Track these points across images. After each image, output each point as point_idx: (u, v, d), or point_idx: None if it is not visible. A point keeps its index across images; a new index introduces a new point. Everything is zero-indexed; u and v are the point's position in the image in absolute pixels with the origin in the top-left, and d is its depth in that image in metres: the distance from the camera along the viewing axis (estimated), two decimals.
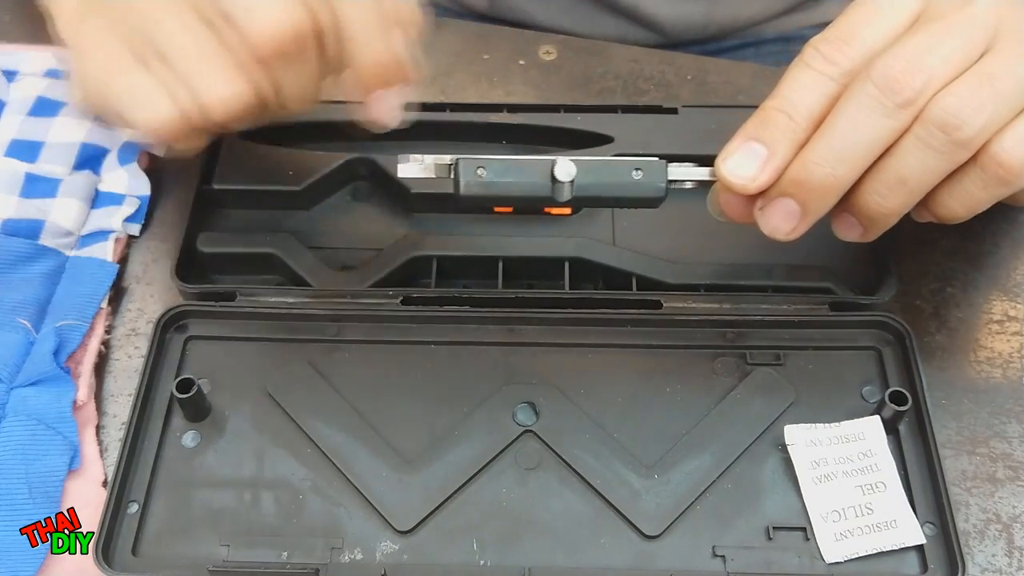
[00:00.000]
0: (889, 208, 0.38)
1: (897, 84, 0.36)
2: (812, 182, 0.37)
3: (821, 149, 0.37)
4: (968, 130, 0.36)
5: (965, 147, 0.36)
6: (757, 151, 0.38)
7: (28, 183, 0.50)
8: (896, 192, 0.37)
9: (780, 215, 0.38)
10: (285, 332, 0.45)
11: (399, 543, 0.40)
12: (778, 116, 0.38)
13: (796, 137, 0.37)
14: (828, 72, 0.37)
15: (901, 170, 0.37)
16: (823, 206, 0.38)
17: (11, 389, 0.44)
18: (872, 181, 0.37)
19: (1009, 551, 0.41)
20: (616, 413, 0.43)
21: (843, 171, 0.37)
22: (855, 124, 0.36)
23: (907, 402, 0.41)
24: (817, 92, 0.37)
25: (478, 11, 0.71)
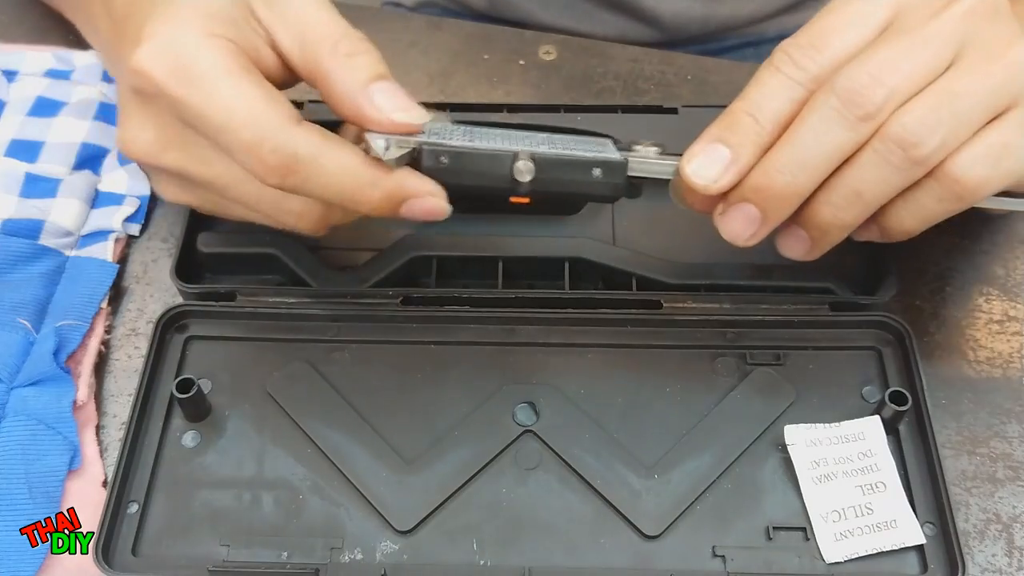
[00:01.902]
0: (842, 220, 0.38)
1: (859, 97, 0.36)
2: (773, 189, 0.37)
3: (783, 157, 0.37)
4: (925, 148, 0.36)
5: (921, 164, 0.36)
6: (721, 154, 0.38)
7: (28, 183, 0.50)
8: (852, 204, 0.38)
9: (740, 220, 0.39)
10: (285, 332, 0.45)
11: (399, 543, 0.40)
12: (744, 119, 0.38)
13: (761, 141, 0.38)
14: (796, 77, 0.38)
15: (858, 183, 0.37)
16: (782, 213, 0.38)
17: (11, 389, 0.44)
18: (828, 192, 0.38)
19: (1009, 551, 0.41)
20: (616, 413, 0.43)
21: (803, 179, 0.37)
22: (816, 134, 0.37)
23: (907, 402, 0.41)
24: (784, 97, 0.38)
25: (478, 10, 0.71)
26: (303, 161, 0.38)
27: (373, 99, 0.38)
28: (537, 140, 0.40)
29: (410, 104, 0.39)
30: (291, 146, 0.37)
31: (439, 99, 0.55)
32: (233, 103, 0.37)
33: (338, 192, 0.39)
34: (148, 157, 0.41)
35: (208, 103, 0.37)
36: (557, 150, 0.40)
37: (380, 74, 0.39)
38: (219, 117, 0.37)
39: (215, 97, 0.37)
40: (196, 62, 0.38)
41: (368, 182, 0.39)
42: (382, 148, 0.39)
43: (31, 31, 0.59)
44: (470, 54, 0.60)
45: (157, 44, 0.38)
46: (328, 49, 0.39)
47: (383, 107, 0.38)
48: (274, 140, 0.37)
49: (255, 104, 0.37)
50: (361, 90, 0.38)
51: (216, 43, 0.38)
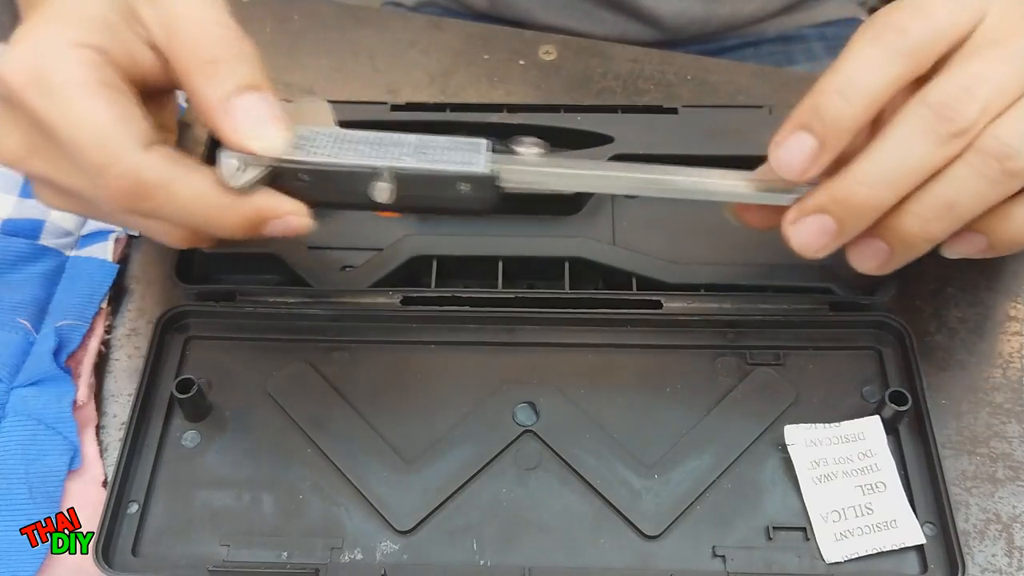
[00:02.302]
0: (930, 234, 0.37)
1: (951, 112, 0.35)
2: (853, 201, 0.36)
3: (868, 168, 0.35)
4: (1021, 160, 0.35)
5: (1017, 177, 0.35)
6: (805, 143, 0.36)
7: (28, 183, 0.50)
8: (943, 218, 0.36)
9: (814, 231, 0.37)
10: (285, 332, 0.45)
11: (399, 543, 0.40)
12: (834, 99, 0.36)
13: (853, 124, 0.36)
14: (898, 47, 0.35)
15: (951, 196, 0.35)
16: (859, 226, 0.37)
17: (11, 389, 0.44)
18: (917, 204, 0.36)
19: (1009, 551, 0.41)
20: (616, 413, 0.43)
21: (886, 193, 0.36)
22: (904, 148, 0.35)
23: (907, 402, 0.41)
24: (883, 72, 0.36)
25: (478, 10, 0.71)
26: (152, 187, 0.36)
27: (232, 116, 0.36)
28: (404, 150, 0.38)
29: (273, 123, 0.37)
30: (138, 171, 0.36)
31: (439, 99, 0.55)
32: (83, 121, 0.35)
33: (192, 218, 0.37)
34: (14, 162, 0.39)
35: (60, 119, 0.36)
36: (421, 164, 0.38)
37: (246, 85, 0.36)
38: (69, 134, 0.36)
39: (67, 114, 0.36)
40: (54, 74, 0.36)
41: (224, 206, 0.37)
42: (232, 171, 0.37)
43: None
44: (470, 54, 0.60)
45: (21, 51, 0.36)
46: (189, 54, 0.36)
47: (239, 128, 0.36)
48: (120, 165, 0.36)
49: (105, 125, 0.35)
50: (219, 105, 0.36)
51: (80, 54, 0.36)
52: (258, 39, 0.38)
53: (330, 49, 0.60)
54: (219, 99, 0.36)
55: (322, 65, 0.60)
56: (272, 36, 0.61)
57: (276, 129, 0.37)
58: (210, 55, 0.36)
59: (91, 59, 0.36)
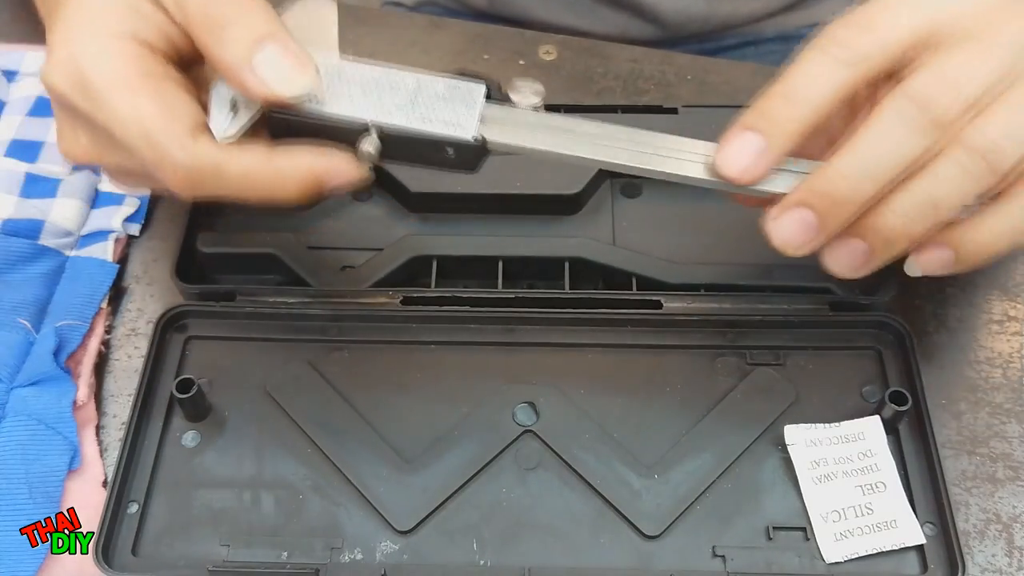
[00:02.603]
0: (912, 232, 0.36)
1: (934, 103, 0.34)
2: (835, 194, 0.35)
3: (849, 161, 0.35)
4: (1009, 159, 0.35)
5: (1002, 175, 0.35)
6: (751, 141, 0.36)
7: (28, 183, 0.50)
8: (925, 214, 0.36)
9: (795, 227, 0.37)
10: (285, 332, 0.45)
11: (399, 543, 0.40)
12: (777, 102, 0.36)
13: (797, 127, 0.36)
14: (842, 57, 0.35)
15: (935, 191, 0.35)
16: (840, 222, 0.36)
17: (11, 389, 0.44)
18: (900, 202, 0.36)
19: (1009, 551, 0.41)
20: (616, 413, 0.43)
21: (868, 186, 0.35)
22: (886, 140, 0.35)
23: (907, 402, 0.41)
24: (827, 79, 0.36)
25: (478, 9, 0.71)
26: (206, 174, 0.37)
27: (255, 73, 0.36)
28: (398, 99, 0.38)
29: (296, 67, 0.37)
30: (189, 162, 0.36)
31: None
32: (129, 120, 0.36)
33: (254, 193, 0.38)
34: (90, 160, 0.40)
35: (109, 120, 0.37)
36: (410, 124, 0.38)
37: (261, 37, 0.36)
38: (120, 134, 0.37)
39: (114, 114, 0.36)
40: (94, 75, 0.36)
41: (277, 177, 0.37)
42: (221, 125, 0.37)
43: (31, 31, 0.59)
44: (470, 54, 0.60)
45: (59, 57, 0.37)
46: (200, 22, 0.37)
47: (266, 81, 0.36)
48: (173, 159, 0.36)
49: (151, 121, 0.36)
50: (241, 65, 0.36)
51: (116, 47, 0.37)
52: None
53: None
54: (239, 60, 0.36)
55: None
56: None
57: (300, 72, 0.37)
58: (221, 19, 0.36)
59: (128, 51, 0.37)
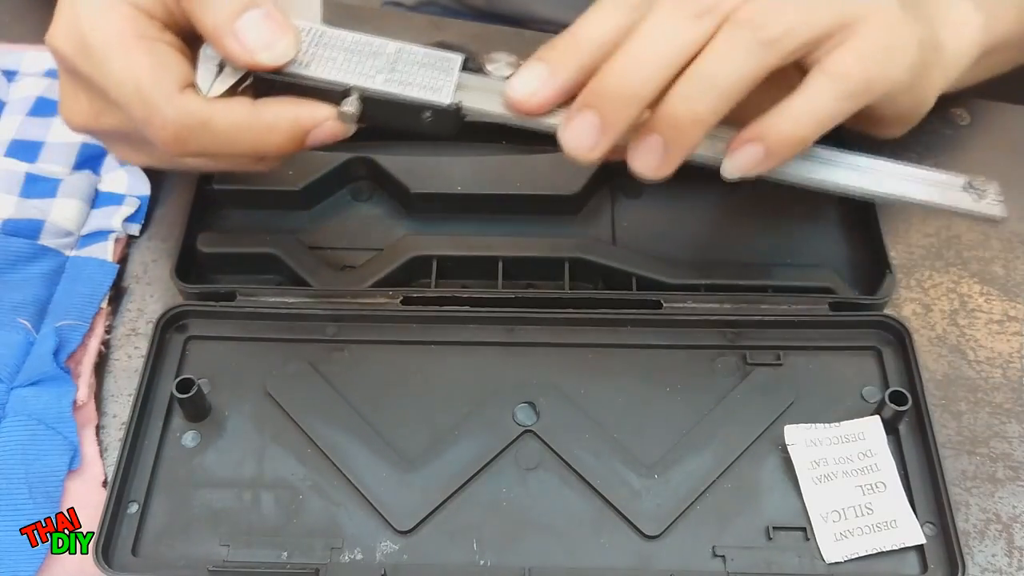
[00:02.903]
0: (696, 112, 0.37)
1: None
2: (609, 91, 0.37)
3: (620, 59, 0.37)
4: (773, 29, 0.36)
5: (771, 47, 0.36)
6: (538, 70, 0.38)
7: (28, 183, 0.50)
8: (705, 93, 0.36)
9: (581, 129, 0.38)
10: (285, 332, 0.45)
11: (399, 543, 0.40)
12: (563, 40, 0.38)
13: (581, 59, 0.38)
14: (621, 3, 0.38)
15: (711, 69, 0.36)
16: (621, 119, 0.37)
17: (11, 389, 0.44)
18: (680, 85, 0.37)
19: (1009, 551, 0.41)
20: (616, 413, 0.43)
21: (638, 79, 0.36)
22: (651, 34, 0.36)
23: (907, 402, 0.41)
24: (610, 20, 0.38)
25: (477, 8, 0.71)
26: (194, 127, 0.38)
27: (237, 37, 0.38)
28: (378, 64, 0.40)
29: (277, 34, 0.38)
30: (178, 116, 0.38)
31: None
32: (122, 77, 0.38)
33: (239, 146, 0.39)
34: (88, 125, 0.42)
35: (104, 78, 0.38)
36: (389, 88, 0.39)
37: (241, 6, 0.38)
38: (115, 92, 0.38)
39: (109, 72, 0.38)
40: (92, 36, 0.38)
41: (264, 127, 0.39)
42: (208, 82, 0.39)
43: (31, 31, 0.59)
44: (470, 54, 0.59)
45: (63, 20, 0.39)
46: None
47: (247, 46, 0.38)
48: (161, 114, 0.38)
49: (142, 76, 0.38)
50: (224, 29, 0.38)
51: (113, 12, 0.38)
52: None
53: None
54: (222, 24, 0.38)
55: None
56: None
57: (281, 39, 0.38)
58: None
59: (125, 14, 0.38)
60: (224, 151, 0.39)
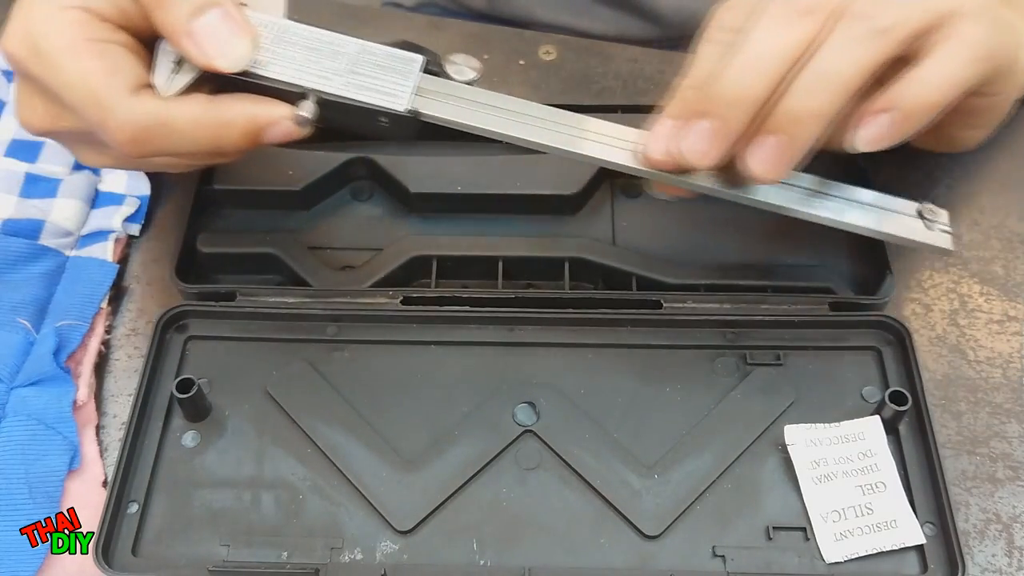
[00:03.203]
0: (814, 107, 0.37)
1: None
2: (724, 96, 0.37)
3: (732, 64, 0.37)
4: (887, 18, 0.37)
5: (886, 35, 0.37)
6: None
7: (28, 183, 0.50)
8: (823, 87, 0.37)
9: (697, 136, 0.38)
10: (285, 332, 0.45)
11: (399, 543, 0.40)
12: (687, 92, 0.39)
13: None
14: (729, 40, 0.38)
15: (827, 63, 0.37)
16: (735, 123, 0.37)
17: (11, 389, 0.44)
18: (798, 82, 0.37)
19: (1009, 551, 0.41)
20: (616, 413, 0.43)
21: (751, 82, 0.37)
22: (762, 36, 0.37)
23: (907, 402, 0.41)
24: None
25: (477, 10, 0.71)
26: (150, 127, 0.38)
27: (194, 38, 0.38)
28: (338, 65, 0.40)
29: (234, 36, 0.38)
30: (133, 116, 0.38)
31: None
32: (74, 81, 0.38)
33: (196, 144, 0.39)
34: (45, 128, 0.41)
35: (57, 82, 0.38)
36: (346, 92, 0.39)
37: (198, 7, 0.37)
38: (67, 96, 0.38)
39: (60, 75, 0.38)
40: (44, 40, 0.38)
41: (221, 123, 0.39)
42: (164, 80, 0.39)
43: None
44: (470, 54, 0.59)
45: (16, 25, 0.39)
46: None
47: (203, 48, 0.38)
48: (116, 117, 0.38)
49: (94, 80, 0.37)
50: (181, 30, 0.38)
51: (66, 16, 0.38)
52: None
53: None
54: (180, 24, 0.38)
55: None
56: None
57: (238, 43, 0.38)
58: None
59: (77, 19, 0.38)
60: (182, 149, 0.39)
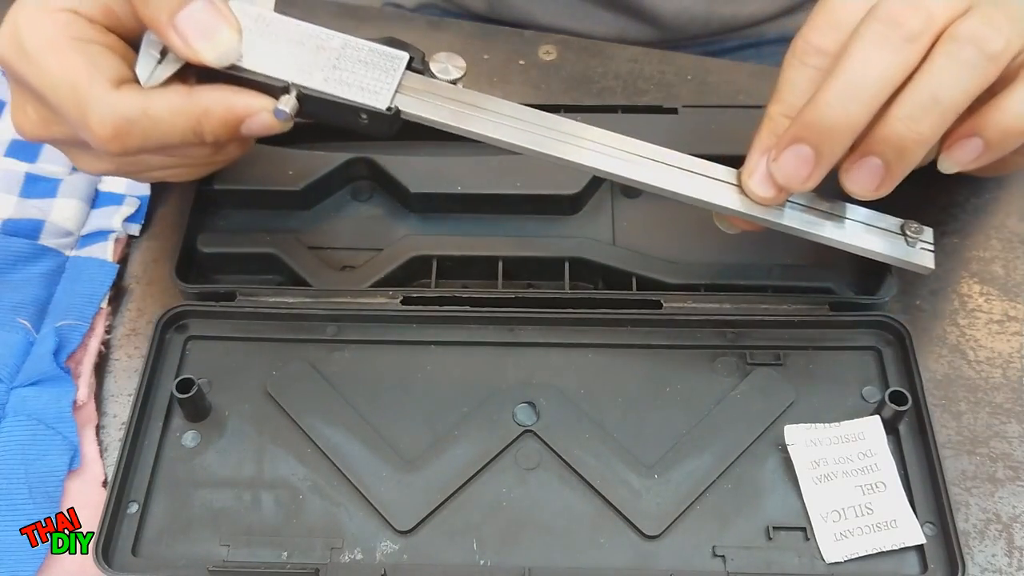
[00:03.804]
0: (920, 133, 0.36)
1: (902, 18, 0.36)
2: (825, 123, 0.36)
3: (832, 89, 0.36)
4: (996, 43, 0.36)
5: (994, 60, 0.36)
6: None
7: (28, 183, 0.50)
8: (929, 112, 0.36)
9: (795, 162, 0.38)
10: (285, 332, 0.45)
11: (399, 543, 0.40)
12: (782, 122, 0.38)
13: None
14: (822, 65, 0.38)
15: (933, 87, 0.36)
16: (837, 149, 0.37)
17: (11, 389, 0.44)
18: (901, 106, 0.36)
19: (1009, 551, 0.41)
20: (616, 413, 0.43)
21: (855, 109, 0.36)
22: (864, 61, 0.36)
23: (907, 402, 0.41)
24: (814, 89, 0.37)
25: (476, 12, 0.71)
26: (131, 120, 0.38)
27: (179, 31, 0.38)
28: (321, 60, 0.39)
29: (219, 28, 0.38)
30: (113, 109, 0.38)
31: None
32: (56, 78, 0.38)
33: (178, 133, 0.39)
34: (38, 134, 0.41)
35: (40, 81, 0.38)
36: (327, 88, 0.39)
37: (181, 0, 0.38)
38: (50, 95, 0.38)
39: (43, 74, 0.38)
40: (30, 41, 0.38)
41: (200, 114, 0.39)
42: (147, 72, 0.39)
43: None
44: (470, 54, 0.59)
45: (5, 28, 0.39)
46: None
47: (188, 41, 0.38)
48: (97, 111, 0.38)
49: (75, 75, 0.38)
50: (166, 23, 0.38)
51: (51, 17, 0.38)
52: None
53: None
54: (164, 20, 0.38)
55: None
56: None
57: (224, 34, 0.38)
58: None
59: (63, 20, 0.38)
60: (163, 140, 0.39)
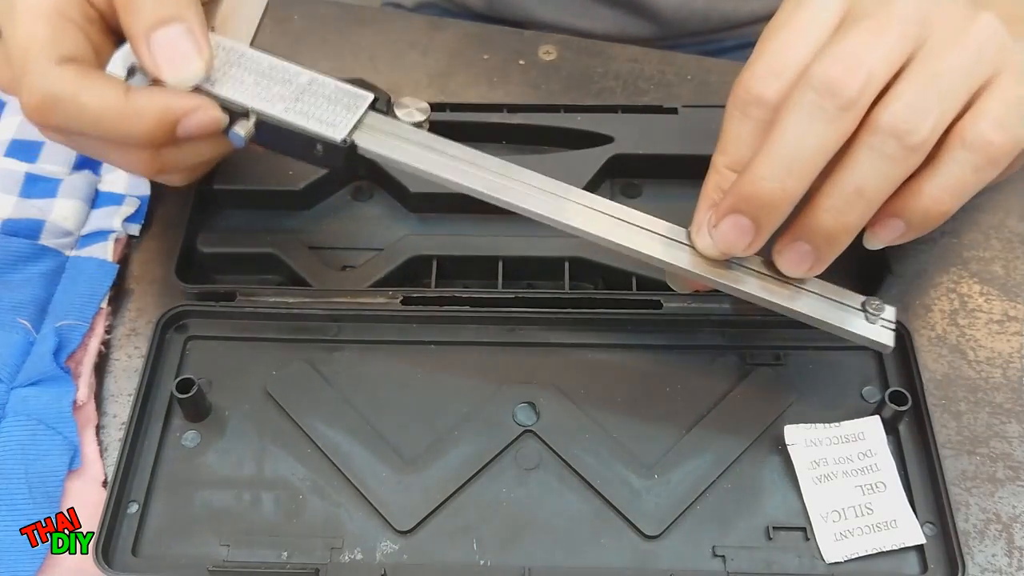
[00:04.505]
0: (847, 224, 0.36)
1: (837, 86, 0.34)
2: (762, 196, 0.36)
3: (768, 162, 0.36)
4: (919, 135, 0.35)
5: (917, 151, 0.35)
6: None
7: (28, 183, 0.50)
8: (854, 205, 0.36)
9: (733, 231, 0.37)
10: (285, 332, 0.45)
11: (399, 543, 0.40)
12: (728, 175, 0.38)
13: None
14: (763, 117, 0.37)
15: (857, 181, 0.35)
16: (776, 218, 0.37)
17: (11, 389, 0.44)
18: (827, 197, 0.36)
19: (1009, 551, 0.41)
20: (616, 413, 0.43)
21: (792, 183, 0.36)
22: (799, 134, 0.35)
23: (907, 402, 0.41)
24: (758, 140, 0.37)
25: (476, 11, 0.71)
26: (59, 99, 0.38)
27: (151, 49, 0.38)
28: (285, 91, 0.40)
29: (188, 56, 0.39)
30: (46, 83, 0.38)
31: (439, 99, 0.55)
32: (18, 40, 0.39)
33: (105, 128, 0.39)
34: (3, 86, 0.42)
35: (9, 38, 0.39)
36: (286, 116, 0.40)
37: (165, 17, 0.38)
38: (10, 53, 0.39)
39: (13, 33, 0.39)
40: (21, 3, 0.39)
41: (132, 112, 0.39)
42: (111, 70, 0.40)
43: None
44: (470, 54, 0.60)
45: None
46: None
47: (156, 60, 0.39)
48: (29, 80, 0.38)
49: (32, 43, 0.38)
50: (141, 38, 0.38)
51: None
52: (259, 40, 0.38)
53: (330, 50, 0.60)
54: (140, 33, 0.38)
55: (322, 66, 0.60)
56: (272, 37, 0.60)
57: (191, 62, 0.39)
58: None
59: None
60: (88, 131, 0.39)
